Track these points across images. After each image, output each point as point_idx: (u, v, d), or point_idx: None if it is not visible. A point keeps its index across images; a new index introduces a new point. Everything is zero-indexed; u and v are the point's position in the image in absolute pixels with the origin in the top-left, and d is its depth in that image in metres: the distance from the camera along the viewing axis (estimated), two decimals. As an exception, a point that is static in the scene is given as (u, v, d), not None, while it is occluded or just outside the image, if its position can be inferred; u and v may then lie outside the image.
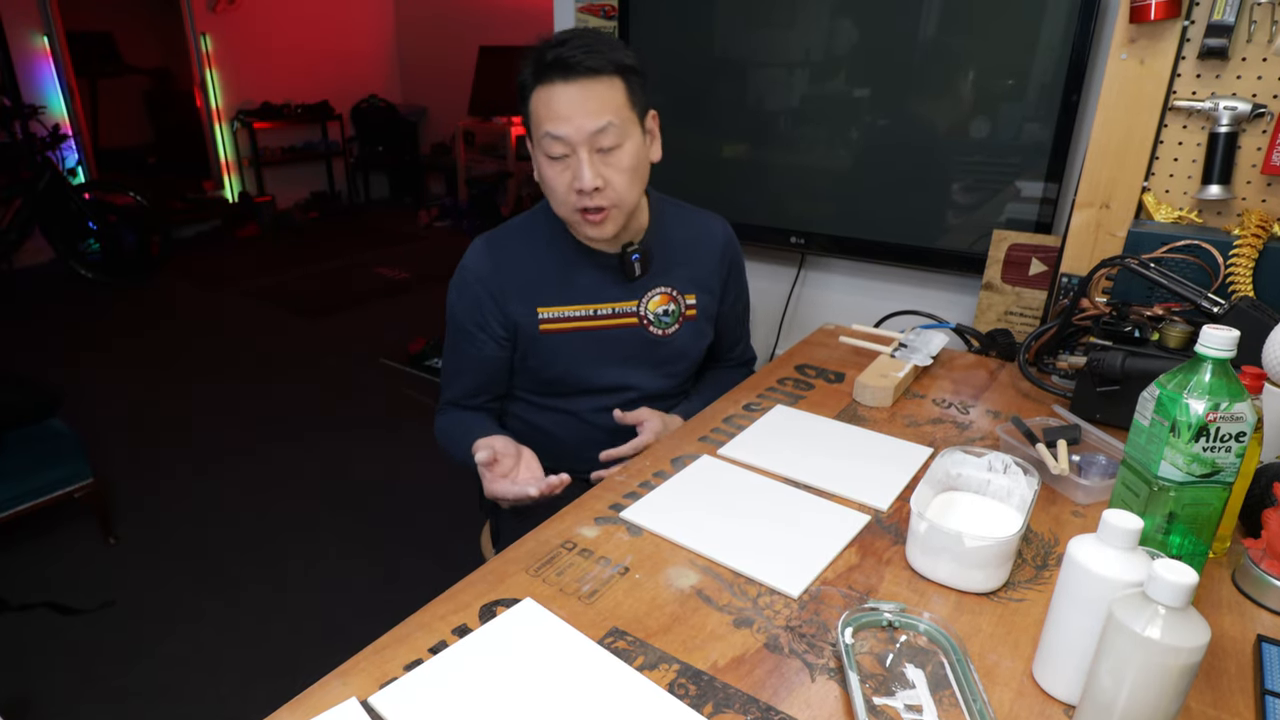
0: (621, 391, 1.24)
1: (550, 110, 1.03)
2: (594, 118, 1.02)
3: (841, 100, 1.89)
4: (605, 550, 0.86)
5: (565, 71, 1.01)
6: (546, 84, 1.03)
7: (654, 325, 1.22)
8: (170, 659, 1.81)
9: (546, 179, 1.08)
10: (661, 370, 1.25)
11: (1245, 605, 0.79)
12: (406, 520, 2.36)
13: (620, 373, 1.22)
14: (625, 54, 1.06)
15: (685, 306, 1.24)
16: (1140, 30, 1.29)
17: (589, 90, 1.02)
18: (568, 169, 1.06)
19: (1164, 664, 0.52)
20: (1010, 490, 0.88)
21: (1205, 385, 0.69)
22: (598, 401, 1.23)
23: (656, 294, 1.21)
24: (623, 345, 1.21)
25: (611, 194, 1.07)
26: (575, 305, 1.18)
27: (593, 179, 1.04)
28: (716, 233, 1.28)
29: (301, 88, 6.03)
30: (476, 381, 1.22)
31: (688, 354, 1.27)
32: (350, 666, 0.70)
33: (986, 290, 1.69)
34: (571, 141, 1.03)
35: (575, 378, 1.21)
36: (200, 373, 3.41)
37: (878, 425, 1.15)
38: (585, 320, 1.18)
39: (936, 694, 0.66)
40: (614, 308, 1.19)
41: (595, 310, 1.18)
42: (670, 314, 1.22)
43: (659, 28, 2.08)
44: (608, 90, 1.03)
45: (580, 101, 1.02)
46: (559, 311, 1.17)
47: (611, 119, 1.03)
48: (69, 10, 4.79)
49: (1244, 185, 1.28)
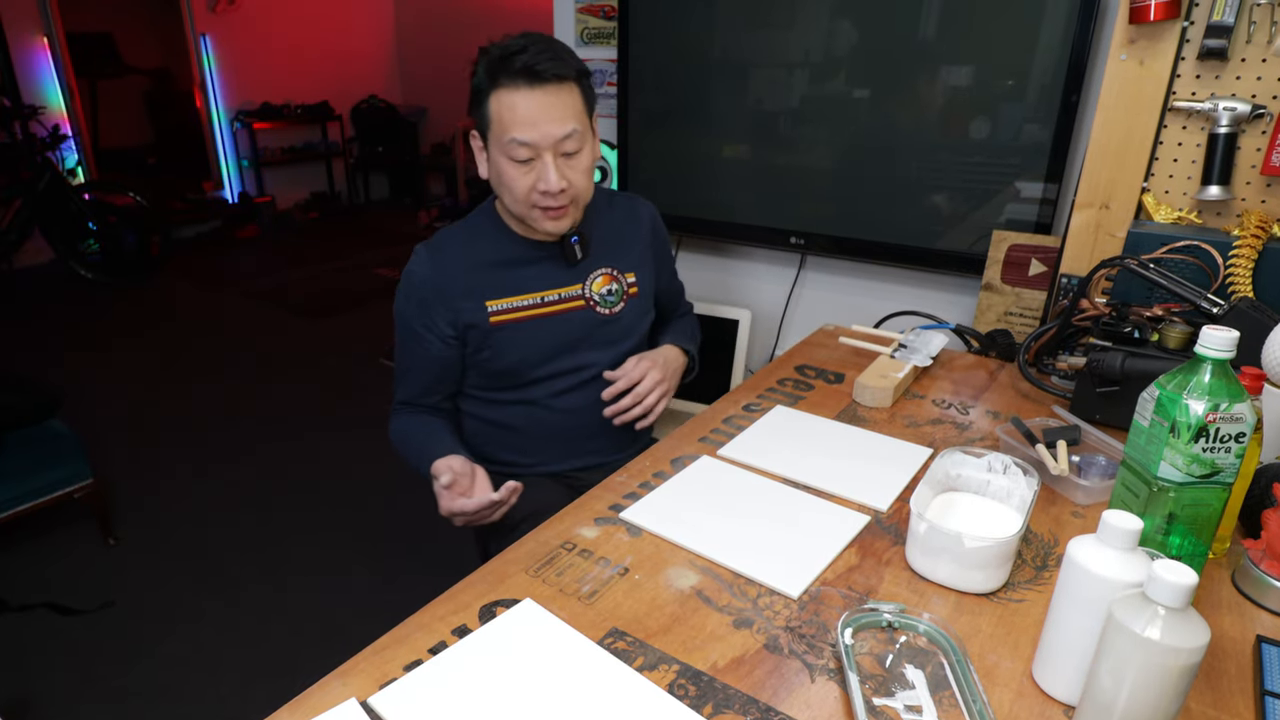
0: (576, 372, 1.26)
1: (516, 115, 1.06)
2: (560, 124, 1.07)
3: (841, 100, 1.89)
4: (605, 551, 0.86)
5: (532, 78, 1.05)
6: (510, 88, 1.06)
7: (600, 305, 1.26)
8: (170, 659, 1.81)
9: (507, 179, 1.11)
10: (613, 349, 1.28)
11: (1245, 606, 0.79)
12: (406, 520, 2.36)
13: (573, 356, 1.25)
14: (579, 60, 1.11)
15: (627, 285, 1.29)
16: (1140, 31, 1.29)
17: (555, 97, 1.07)
18: (531, 171, 1.10)
19: (1164, 664, 0.52)
20: (1010, 491, 0.88)
21: (1205, 386, 0.69)
22: (554, 386, 1.26)
23: (599, 275, 1.26)
24: (573, 327, 1.24)
25: (573, 192, 1.13)
26: (522, 295, 1.21)
27: (558, 181, 1.09)
28: (642, 214, 1.34)
29: (301, 88, 6.03)
30: (426, 381, 1.24)
31: (635, 329, 1.31)
32: (350, 667, 0.70)
33: (986, 291, 1.69)
34: (538, 146, 1.08)
35: (531, 365, 1.23)
36: (200, 373, 3.41)
37: (877, 426, 1.16)
38: (534, 308, 1.22)
39: (936, 695, 0.66)
40: (560, 293, 1.23)
41: (542, 298, 1.22)
42: (614, 293, 1.27)
43: (659, 28, 2.08)
44: (570, 97, 1.09)
45: (547, 108, 1.06)
46: (508, 303, 1.20)
47: (575, 125, 1.09)
48: (69, 11, 4.79)
49: (1243, 186, 1.29)
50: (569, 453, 1.29)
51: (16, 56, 4.63)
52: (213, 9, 5.43)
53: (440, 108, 6.48)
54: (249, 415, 3.02)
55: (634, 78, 2.15)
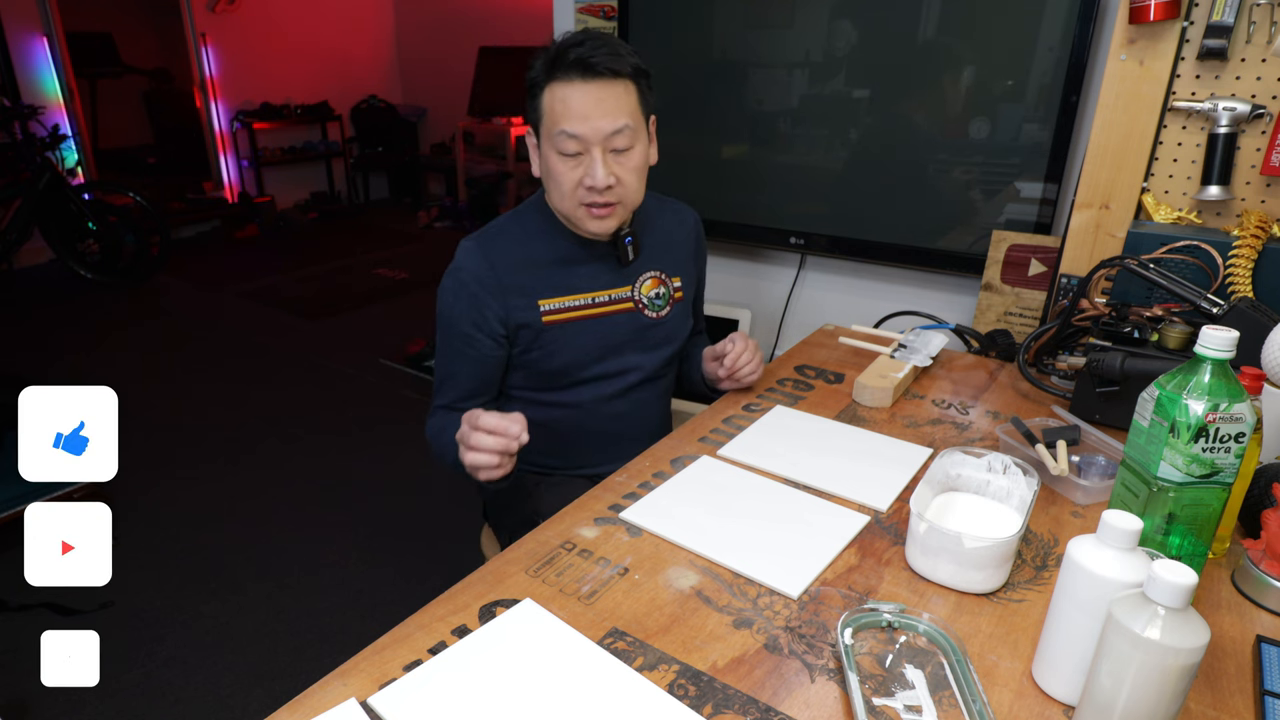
0: (622, 375, 1.25)
1: (568, 108, 1.04)
2: (611, 119, 1.05)
3: (841, 101, 1.89)
4: (605, 551, 0.86)
5: (585, 71, 1.03)
6: (564, 81, 1.04)
7: (648, 309, 1.25)
8: (170, 659, 1.81)
9: (555, 174, 1.09)
10: (655, 353, 1.28)
11: (1244, 606, 0.79)
12: (406, 521, 2.36)
13: (619, 358, 1.24)
14: (639, 59, 1.09)
15: (674, 289, 1.28)
16: (1140, 31, 1.29)
17: (607, 91, 1.05)
18: (579, 166, 1.08)
19: (1163, 664, 0.52)
20: (1010, 491, 0.88)
21: (1204, 386, 0.69)
22: (599, 390, 1.25)
23: (648, 278, 1.25)
24: (620, 330, 1.23)
25: (621, 191, 1.10)
26: (575, 295, 1.19)
27: (606, 177, 1.06)
28: (688, 220, 1.34)
29: (301, 88, 6.03)
30: (472, 385, 1.21)
31: (677, 335, 1.30)
32: (350, 666, 0.70)
33: (986, 291, 1.69)
34: (587, 140, 1.05)
35: (579, 366, 1.22)
36: (200, 373, 3.41)
37: (877, 426, 1.16)
38: (586, 309, 1.20)
39: (936, 695, 0.66)
40: (610, 294, 1.22)
41: (594, 299, 1.21)
42: (662, 297, 1.26)
43: (659, 28, 2.08)
44: (624, 93, 1.06)
45: (598, 102, 1.04)
46: (560, 302, 1.19)
47: (627, 121, 1.06)
48: (69, 10, 4.79)
49: (1243, 186, 1.29)
50: (608, 456, 1.25)
51: (16, 56, 4.63)
52: (212, 9, 5.42)
53: (440, 108, 6.47)
54: (248, 415, 3.01)
55: (634, 78, 2.15)
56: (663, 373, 1.33)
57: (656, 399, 1.33)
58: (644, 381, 1.28)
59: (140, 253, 4.57)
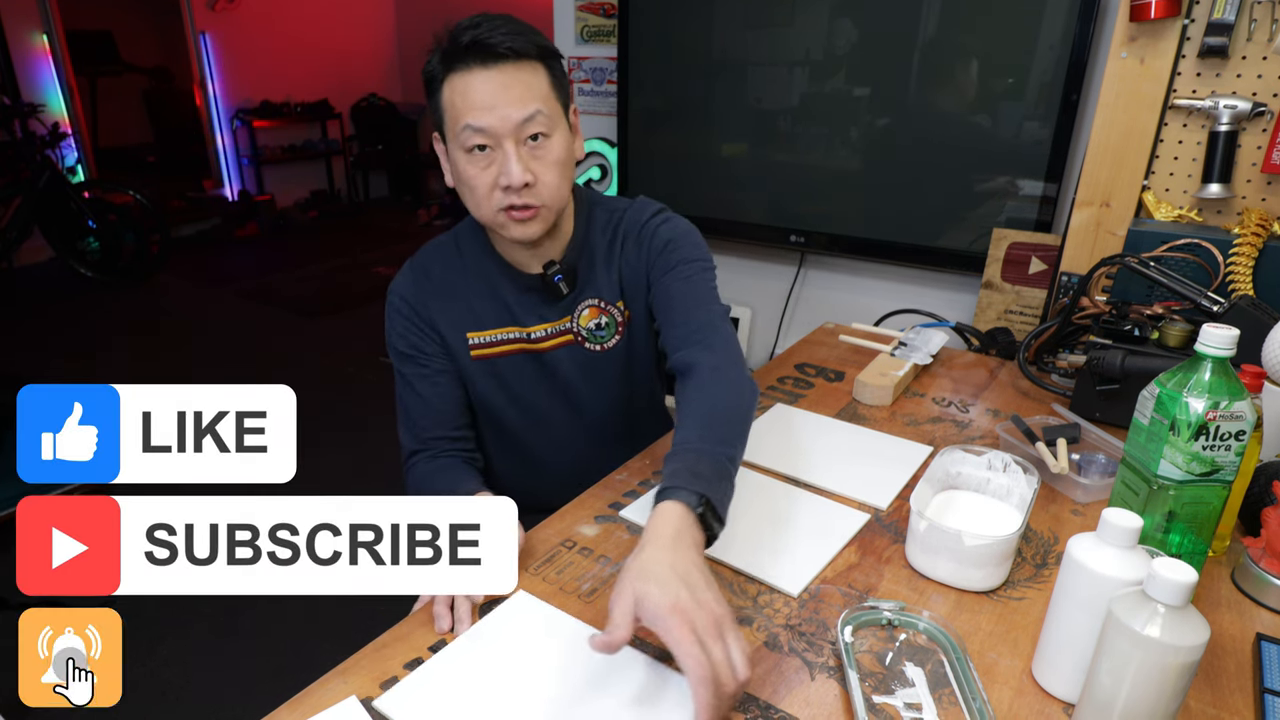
0: (577, 416, 1.12)
1: (469, 100, 0.91)
2: (520, 106, 0.90)
3: (841, 99, 1.89)
4: (605, 549, 0.86)
5: (485, 56, 0.90)
6: (463, 71, 0.91)
7: (589, 341, 1.08)
8: (170, 659, 1.81)
9: (466, 178, 0.95)
10: (610, 392, 1.12)
11: (1245, 604, 0.79)
12: (406, 519, 2.36)
13: (565, 399, 1.11)
14: (545, 38, 0.95)
15: (619, 315, 1.09)
16: (1140, 29, 1.29)
17: (513, 76, 0.91)
18: (492, 165, 0.93)
19: (1163, 662, 0.52)
20: (1010, 489, 0.88)
21: (1205, 384, 0.69)
22: (550, 433, 1.12)
23: (585, 307, 1.08)
24: (563, 365, 1.08)
25: (541, 191, 0.95)
26: (507, 328, 1.06)
27: (522, 174, 0.92)
28: (636, 219, 1.09)
29: (301, 86, 6.03)
30: (431, 412, 1.08)
31: (637, 361, 1.13)
32: (350, 666, 0.70)
33: (986, 289, 1.69)
34: (496, 133, 0.91)
35: (518, 409, 1.10)
36: (200, 371, 3.40)
37: (877, 424, 1.15)
38: (520, 343, 1.07)
39: (936, 692, 0.66)
40: (548, 328, 1.07)
41: (529, 333, 1.06)
42: (605, 327, 1.08)
43: (659, 27, 2.08)
44: (532, 76, 0.92)
45: (503, 88, 0.90)
46: (490, 335, 1.06)
47: (539, 107, 0.92)
48: (69, 9, 4.79)
49: (1244, 184, 1.28)
50: (583, 481, 1.07)
51: (16, 54, 4.63)
52: (212, 7, 5.42)
53: (440, 106, 6.47)
54: (249, 414, 3.01)
55: (634, 76, 2.15)
56: (626, 410, 1.16)
57: (620, 439, 1.15)
58: (604, 419, 1.13)
59: (140, 251, 4.57)
